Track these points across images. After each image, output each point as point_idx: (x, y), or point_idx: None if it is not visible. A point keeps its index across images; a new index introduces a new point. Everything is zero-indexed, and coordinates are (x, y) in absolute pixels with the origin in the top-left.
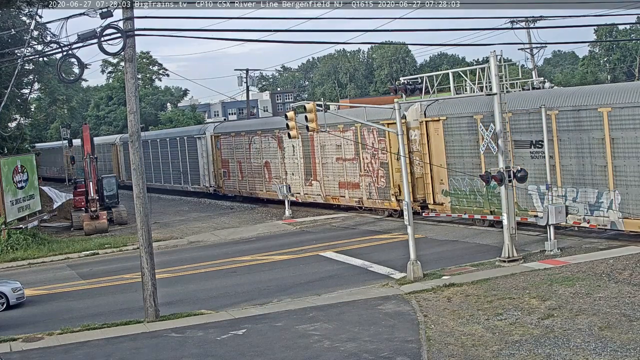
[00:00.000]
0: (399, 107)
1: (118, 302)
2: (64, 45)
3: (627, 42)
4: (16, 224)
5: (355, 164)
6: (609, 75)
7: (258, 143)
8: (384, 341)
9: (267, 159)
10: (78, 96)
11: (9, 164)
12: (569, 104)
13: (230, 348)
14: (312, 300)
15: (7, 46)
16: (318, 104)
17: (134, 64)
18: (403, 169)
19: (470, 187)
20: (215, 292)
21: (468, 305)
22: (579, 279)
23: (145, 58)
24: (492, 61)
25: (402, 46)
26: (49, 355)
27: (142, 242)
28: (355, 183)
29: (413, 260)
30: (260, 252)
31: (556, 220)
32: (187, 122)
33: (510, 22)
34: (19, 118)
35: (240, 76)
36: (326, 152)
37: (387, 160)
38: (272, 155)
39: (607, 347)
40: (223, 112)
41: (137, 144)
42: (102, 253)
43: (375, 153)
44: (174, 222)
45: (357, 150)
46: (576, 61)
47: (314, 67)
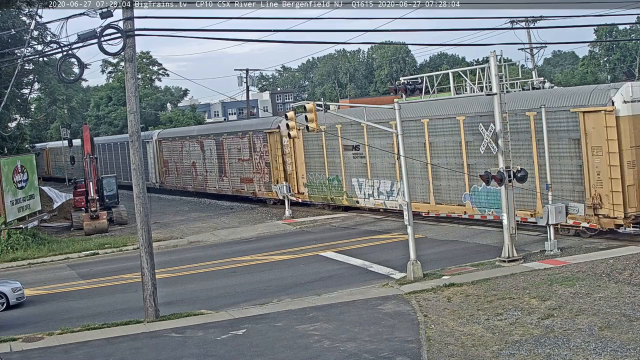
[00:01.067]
0: (399, 107)
1: (118, 302)
2: (64, 45)
3: (627, 42)
4: (16, 224)
5: (250, 164)
6: (609, 75)
7: (187, 147)
8: (384, 341)
9: (193, 159)
10: (78, 96)
11: (9, 164)
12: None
13: (230, 348)
14: (312, 300)
15: (7, 46)
16: (318, 104)
17: (134, 64)
18: (403, 169)
19: (319, 181)
20: (215, 292)
21: (468, 305)
22: (579, 279)
23: (145, 58)
24: (492, 61)
25: (402, 46)
26: (49, 355)
27: (142, 242)
28: (250, 178)
29: (413, 260)
30: (260, 252)
31: (556, 220)
32: (187, 122)
33: (510, 22)
34: (19, 118)
35: (240, 76)
36: (232, 154)
37: (269, 160)
38: (197, 157)
39: (607, 347)
40: (223, 112)
41: (137, 144)
42: (102, 253)
43: (262, 155)
44: (174, 222)
45: (250, 153)
46: (576, 61)
47: (314, 67)
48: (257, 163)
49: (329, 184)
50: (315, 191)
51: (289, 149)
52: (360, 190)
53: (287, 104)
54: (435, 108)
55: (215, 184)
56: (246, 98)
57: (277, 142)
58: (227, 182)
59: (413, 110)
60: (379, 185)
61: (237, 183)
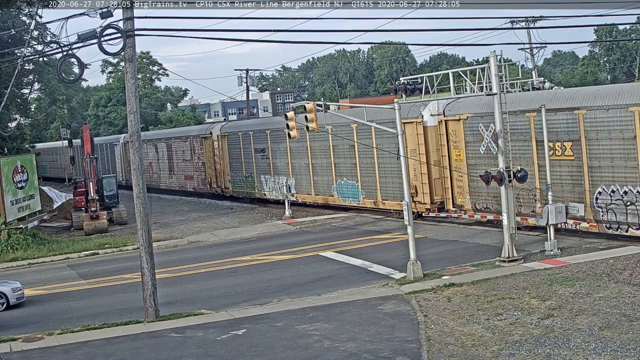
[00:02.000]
0: (399, 107)
1: (118, 302)
2: (64, 45)
3: (627, 42)
4: (16, 224)
5: (191, 164)
6: (609, 75)
7: (145, 149)
8: (384, 341)
9: (150, 160)
10: (78, 96)
11: (9, 164)
12: (275, 127)
13: (230, 348)
14: (312, 300)
15: (7, 46)
16: (318, 104)
17: (134, 64)
18: (403, 169)
19: (239, 178)
20: (215, 292)
21: (468, 305)
22: (579, 279)
23: (145, 58)
24: (492, 61)
25: (402, 46)
26: (49, 355)
27: (142, 242)
28: (191, 176)
29: (413, 260)
30: (260, 252)
31: (556, 220)
32: (187, 122)
33: (510, 22)
34: (19, 118)
35: (240, 76)
36: (178, 156)
37: (205, 161)
38: (152, 158)
39: (607, 347)
40: (223, 112)
41: (137, 144)
42: (102, 253)
43: (200, 156)
44: (174, 222)
45: (191, 155)
46: (576, 61)
47: (314, 67)
48: (196, 163)
49: (246, 181)
50: (237, 187)
51: (218, 151)
52: (267, 185)
53: (287, 104)
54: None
55: (166, 180)
56: (246, 98)
57: (210, 145)
58: (175, 179)
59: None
60: (279, 180)
61: (182, 180)
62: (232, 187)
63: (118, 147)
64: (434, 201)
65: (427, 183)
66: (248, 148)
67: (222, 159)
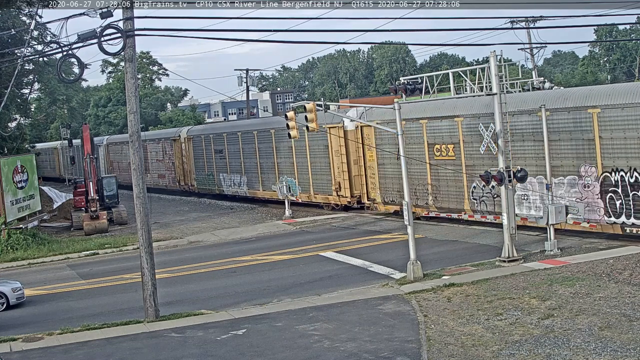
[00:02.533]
0: (399, 107)
1: (118, 302)
2: (64, 45)
3: (627, 42)
4: (16, 224)
5: (163, 164)
6: (609, 75)
7: (125, 150)
8: (384, 341)
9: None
10: (78, 96)
11: (9, 164)
12: (230, 130)
13: (230, 348)
14: (312, 300)
15: (7, 46)
16: (318, 104)
17: (134, 64)
18: (403, 169)
19: (202, 176)
20: (215, 292)
21: (468, 305)
22: (579, 279)
23: (145, 58)
24: (492, 61)
25: (402, 46)
26: (49, 355)
27: (142, 242)
28: (164, 175)
29: (413, 260)
30: (260, 252)
31: (556, 220)
32: (187, 122)
33: (510, 22)
34: (19, 118)
35: (240, 76)
36: (152, 156)
37: (174, 161)
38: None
39: (607, 347)
40: (223, 112)
41: (137, 144)
42: (102, 253)
43: (170, 157)
44: (174, 222)
45: (163, 155)
46: (576, 61)
47: (314, 67)
48: (167, 163)
49: (208, 178)
50: (201, 184)
51: (186, 152)
52: (224, 182)
53: (287, 104)
54: (276, 122)
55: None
56: (246, 98)
57: (179, 147)
58: (150, 178)
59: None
60: (234, 178)
61: (156, 178)
62: (197, 185)
63: (101, 149)
64: (354, 195)
65: (347, 179)
66: (209, 150)
67: (189, 160)
